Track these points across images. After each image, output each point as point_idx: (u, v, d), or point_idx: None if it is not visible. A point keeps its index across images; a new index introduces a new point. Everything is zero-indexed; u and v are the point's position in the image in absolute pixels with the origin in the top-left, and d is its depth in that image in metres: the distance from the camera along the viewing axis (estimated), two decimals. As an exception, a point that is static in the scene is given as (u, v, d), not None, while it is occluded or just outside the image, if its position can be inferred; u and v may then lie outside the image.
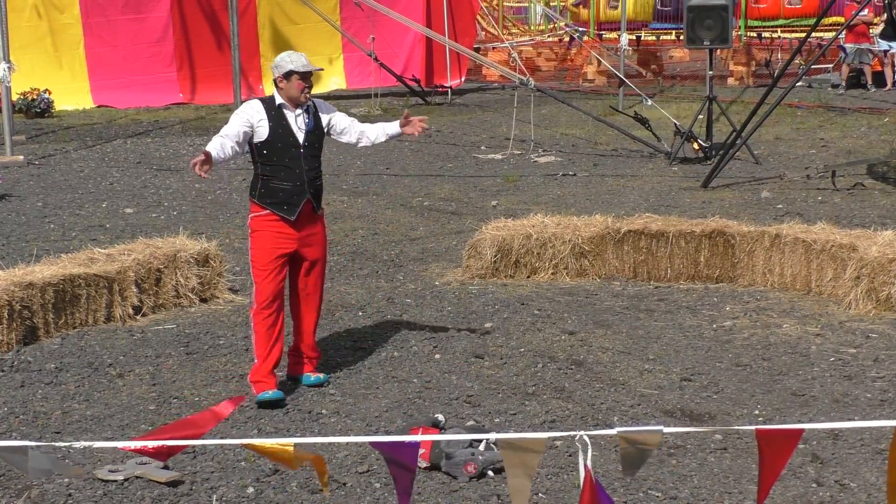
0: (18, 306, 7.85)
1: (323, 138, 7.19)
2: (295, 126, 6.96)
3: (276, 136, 6.91)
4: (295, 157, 6.94)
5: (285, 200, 6.94)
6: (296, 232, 6.99)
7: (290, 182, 6.93)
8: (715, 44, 16.04)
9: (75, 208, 12.65)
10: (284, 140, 6.92)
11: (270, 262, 6.95)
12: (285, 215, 6.93)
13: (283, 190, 6.93)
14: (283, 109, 6.96)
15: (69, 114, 21.07)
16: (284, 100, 6.96)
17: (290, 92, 6.91)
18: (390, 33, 22.98)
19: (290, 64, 6.86)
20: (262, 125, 6.90)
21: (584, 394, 7.06)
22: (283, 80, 6.90)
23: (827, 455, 6.10)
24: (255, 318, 7.00)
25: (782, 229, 9.50)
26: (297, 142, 6.95)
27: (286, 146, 6.93)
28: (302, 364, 7.29)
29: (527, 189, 13.77)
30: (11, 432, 6.48)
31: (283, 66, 6.89)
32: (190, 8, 22.64)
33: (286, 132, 6.93)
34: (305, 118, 7.00)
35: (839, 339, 8.07)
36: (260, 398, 6.82)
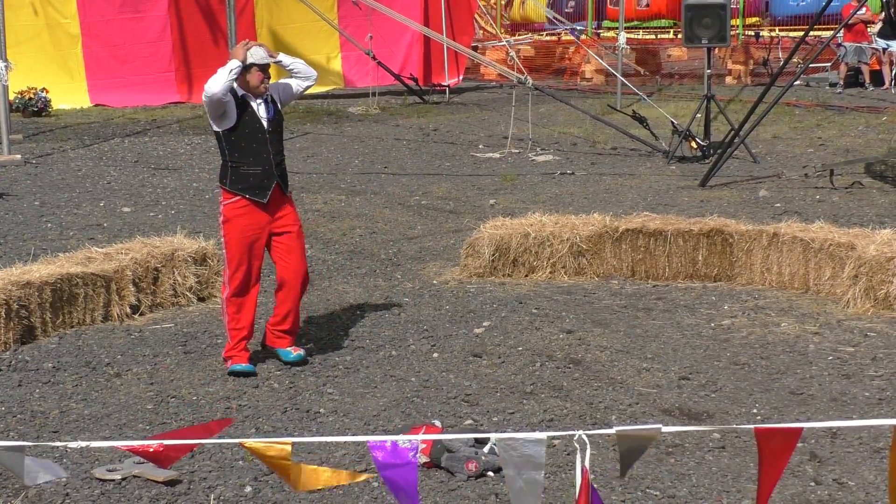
0: (16, 305, 7.84)
1: (282, 122, 7.55)
2: (259, 113, 7.29)
3: (243, 124, 7.25)
4: (262, 142, 7.29)
5: (256, 185, 7.31)
6: (268, 216, 7.36)
7: (259, 167, 7.30)
8: (713, 42, 16.05)
9: (73, 207, 12.64)
10: (251, 127, 7.26)
11: (244, 252, 7.34)
12: (258, 198, 7.29)
13: (254, 174, 7.31)
14: (247, 99, 7.27)
15: (66, 113, 21.07)
16: (245, 90, 7.26)
17: (252, 82, 7.22)
18: (388, 32, 22.98)
19: (250, 57, 7.17)
20: (231, 110, 7.23)
21: (582, 393, 7.05)
22: (243, 73, 7.20)
23: (825, 453, 6.10)
24: (227, 303, 7.42)
25: (780, 228, 9.50)
26: (263, 128, 7.29)
27: (252, 132, 7.27)
28: (282, 338, 7.58)
29: (525, 188, 13.77)
30: (9, 432, 6.47)
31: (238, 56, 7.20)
32: (187, 7, 22.64)
33: (252, 119, 7.26)
34: (266, 106, 7.34)
35: (837, 338, 8.07)
36: (232, 369, 7.31)
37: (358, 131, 18.78)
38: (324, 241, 11.04)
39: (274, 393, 7.09)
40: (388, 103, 22.22)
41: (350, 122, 19.91)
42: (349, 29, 22.96)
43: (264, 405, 6.88)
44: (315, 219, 12.05)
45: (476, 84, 26.59)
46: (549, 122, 19.58)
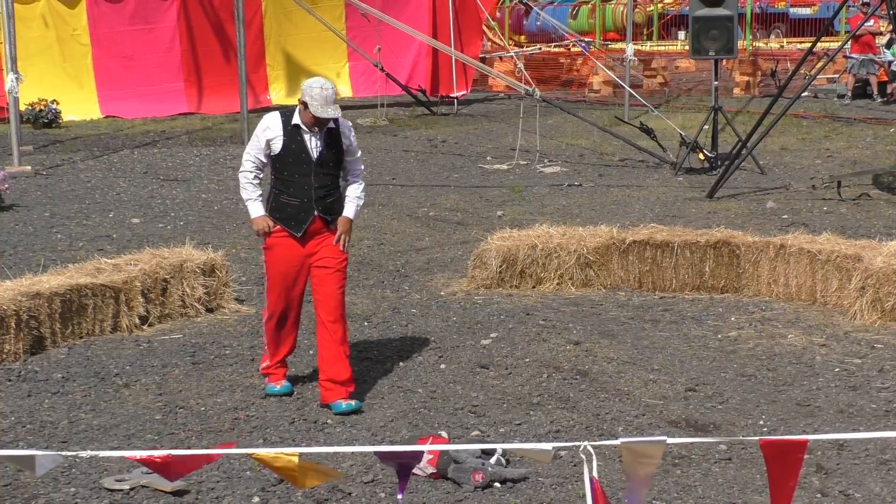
0: (25, 316, 7.87)
1: (340, 158, 7.04)
2: (309, 143, 6.89)
3: (289, 152, 6.89)
4: (306, 173, 6.90)
5: (293, 216, 6.96)
6: (305, 249, 7.00)
7: (299, 198, 6.93)
8: (720, 54, 16.07)
9: (82, 218, 12.69)
10: (296, 156, 6.89)
11: (281, 280, 7.06)
12: (292, 231, 6.96)
13: (292, 205, 6.96)
14: (300, 128, 6.88)
15: (76, 124, 21.14)
16: (302, 122, 6.87)
17: (304, 118, 6.85)
18: (396, 43, 23.03)
19: (312, 100, 6.72)
20: (276, 141, 6.90)
21: (588, 404, 7.07)
22: (303, 105, 6.81)
23: (832, 465, 6.11)
24: (267, 327, 7.25)
25: (787, 240, 9.51)
26: (310, 158, 6.89)
27: (297, 162, 6.89)
28: (331, 390, 7.01)
29: (532, 199, 13.79)
30: (18, 441, 6.50)
31: (306, 97, 6.77)
32: (197, 18, 22.72)
33: (299, 148, 6.88)
34: (320, 139, 6.91)
35: (844, 350, 8.07)
36: (269, 391, 7.19)
37: (366, 143, 18.81)
38: (332, 253, 11.06)
39: (282, 404, 7.11)
40: (396, 115, 22.26)
41: (358, 134, 19.78)
42: (357, 40, 23.02)
43: (272, 416, 6.91)
44: (323, 230, 12.07)
45: (484, 95, 26.63)
46: (556, 133, 19.60)
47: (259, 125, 7.00)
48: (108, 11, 22.24)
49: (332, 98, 6.79)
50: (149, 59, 22.50)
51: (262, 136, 6.92)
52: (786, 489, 3.65)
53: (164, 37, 22.57)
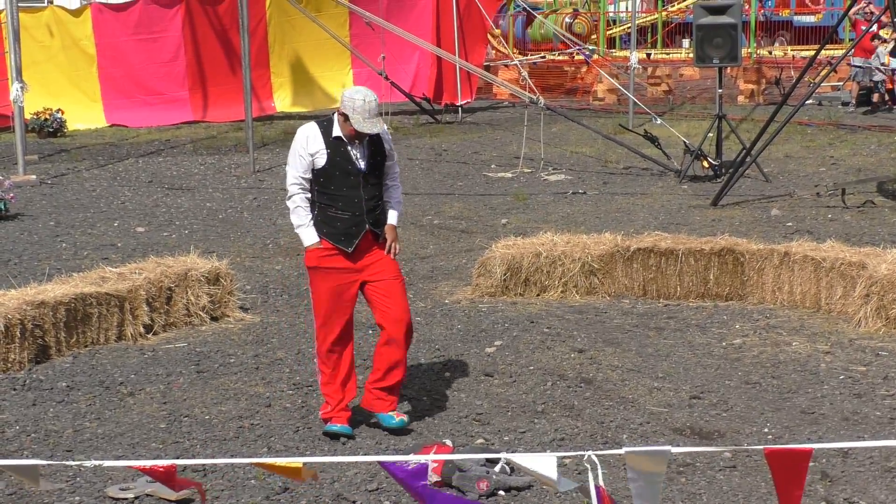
0: (30, 325, 7.89)
1: (384, 166, 6.70)
2: (354, 154, 6.54)
3: (334, 165, 6.49)
4: (354, 185, 6.52)
5: (344, 231, 6.54)
6: (356, 264, 6.61)
7: (350, 212, 6.53)
8: (724, 62, 16.07)
9: (87, 227, 12.71)
10: (343, 168, 6.50)
11: (333, 302, 6.60)
12: (343, 247, 6.55)
13: (342, 220, 6.54)
14: (342, 139, 6.52)
15: (82, 133, 21.18)
16: (343, 133, 6.51)
17: (344, 131, 6.48)
18: (400, 51, 23.05)
19: (354, 113, 6.36)
20: (319, 156, 6.49)
21: (593, 412, 7.07)
22: (343, 117, 6.45)
23: (836, 473, 6.10)
24: (320, 359, 6.73)
25: (792, 247, 9.51)
26: (357, 170, 6.53)
27: (345, 174, 6.51)
28: (381, 399, 6.77)
29: (537, 207, 13.80)
30: (23, 450, 6.51)
31: (347, 109, 6.41)
32: (201, 27, 22.76)
33: (345, 160, 6.51)
34: (365, 145, 6.58)
35: (849, 357, 8.07)
36: (327, 429, 6.67)
37: (370, 151, 18.81)
38: (336, 261, 11.06)
39: (286, 412, 7.12)
40: (400, 123, 22.28)
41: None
42: (360, 47, 23.05)
43: (276, 424, 6.91)
44: (328, 238, 12.08)
45: (488, 104, 26.65)
46: (561, 141, 19.61)
47: (297, 141, 6.54)
48: (113, 20, 22.30)
49: (376, 110, 6.42)
50: (154, 68, 22.54)
51: (305, 153, 6.48)
52: (792, 497, 3.64)
53: (169, 46, 22.61)
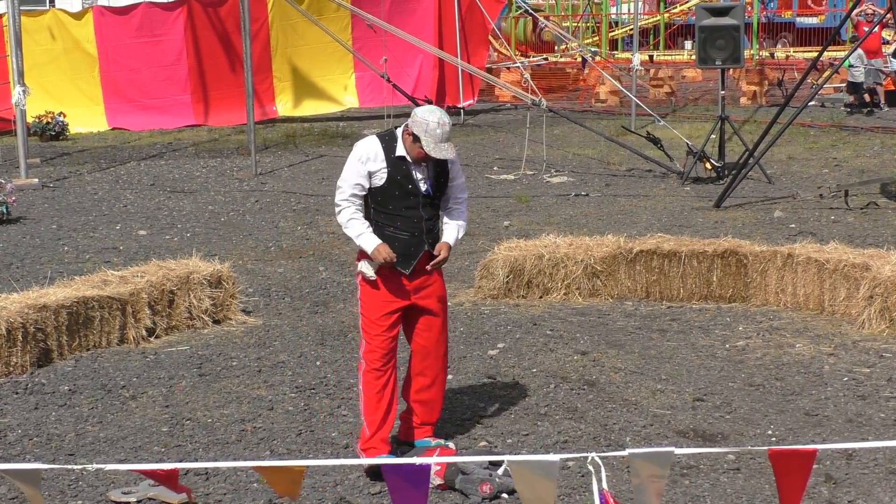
0: (32, 328, 7.88)
1: (445, 187, 6.35)
2: (417, 174, 6.19)
3: (394, 184, 6.15)
4: (414, 205, 6.19)
5: (401, 251, 6.19)
6: (410, 286, 6.28)
7: (408, 232, 6.19)
8: (727, 64, 16.05)
9: (89, 230, 12.70)
10: (403, 188, 6.16)
11: (383, 317, 6.24)
12: (400, 268, 6.21)
13: (400, 240, 6.19)
14: (405, 158, 6.15)
15: (83, 136, 21.17)
16: (407, 152, 6.14)
17: (411, 152, 6.11)
18: (402, 53, 23.03)
19: (426, 136, 5.99)
20: (379, 174, 6.14)
21: (596, 414, 7.05)
22: (411, 136, 6.08)
23: (840, 475, 6.09)
24: (365, 379, 6.27)
25: (795, 249, 9.50)
26: (418, 190, 6.19)
27: (405, 194, 6.17)
28: (419, 428, 6.53)
29: (539, 209, 13.78)
30: (25, 454, 6.50)
31: (418, 129, 6.03)
32: (203, 31, 22.74)
33: (406, 180, 6.16)
34: (430, 166, 6.25)
35: (852, 359, 8.05)
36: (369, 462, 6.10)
37: (373, 153, 18.81)
38: (339, 263, 11.07)
39: (289, 416, 7.11)
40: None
41: (365, 145, 19.91)
42: (363, 50, 23.02)
43: (279, 428, 6.90)
44: (330, 241, 12.08)
45: (491, 106, 26.63)
46: (563, 143, 19.60)
47: (356, 154, 6.18)
48: (115, 23, 22.27)
49: (449, 134, 6.06)
50: (155, 72, 22.52)
51: (364, 168, 6.12)
52: (795, 499, 3.63)
53: (171, 49, 22.58)
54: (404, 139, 6.13)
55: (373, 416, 6.22)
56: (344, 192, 6.22)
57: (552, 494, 3.43)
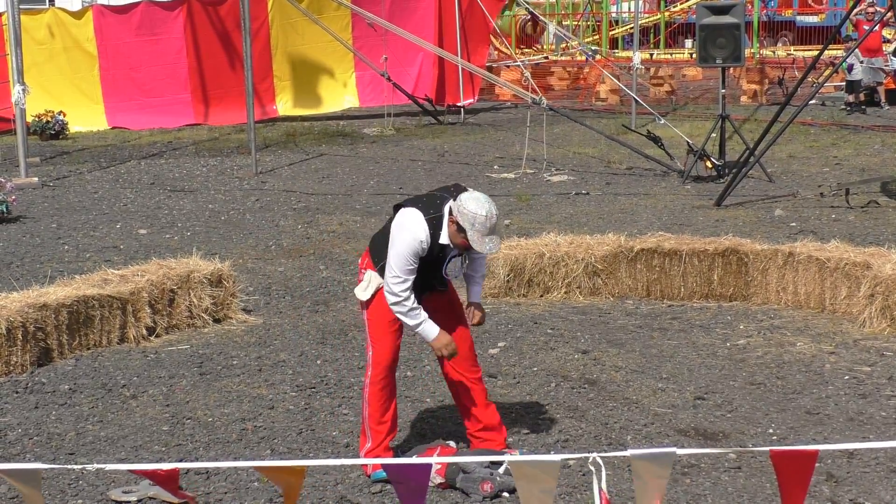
0: (32, 328, 7.87)
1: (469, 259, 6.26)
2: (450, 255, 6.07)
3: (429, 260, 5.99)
4: (434, 268, 6.09)
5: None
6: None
7: (421, 281, 6.01)
8: (727, 62, 16.04)
9: (89, 229, 12.69)
10: (432, 262, 6.03)
11: (391, 335, 6.13)
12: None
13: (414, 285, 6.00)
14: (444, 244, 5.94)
15: (83, 135, 21.17)
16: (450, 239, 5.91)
17: (455, 240, 5.88)
18: (402, 52, 23.04)
19: (473, 230, 5.74)
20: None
21: (597, 413, 7.04)
22: (457, 226, 5.82)
23: (842, 474, 6.08)
24: (372, 390, 6.13)
25: (796, 247, 9.49)
26: (444, 259, 6.06)
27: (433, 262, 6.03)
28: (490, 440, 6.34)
29: (540, 208, 13.78)
30: (25, 454, 6.49)
31: (465, 222, 5.76)
32: (203, 29, 22.74)
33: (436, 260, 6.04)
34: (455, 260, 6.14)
35: (853, 358, 8.04)
36: (376, 476, 6.06)
37: (373, 152, 18.83)
38: (339, 262, 11.06)
39: (289, 414, 7.10)
40: (403, 124, 22.26)
41: (365, 143, 19.96)
42: (363, 49, 23.03)
43: (280, 427, 6.89)
44: (330, 240, 12.08)
45: (491, 104, 26.63)
46: (563, 142, 19.59)
47: (409, 245, 5.84)
48: (115, 22, 22.27)
49: (496, 226, 5.83)
50: (155, 71, 22.52)
51: (417, 255, 5.88)
52: (796, 498, 3.62)
53: (171, 48, 22.58)
54: (449, 226, 5.87)
55: (378, 429, 6.15)
56: (400, 279, 5.87)
57: (552, 493, 3.43)
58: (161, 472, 3.36)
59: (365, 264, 6.19)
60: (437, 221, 5.88)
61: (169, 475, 3.37)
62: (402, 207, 6.02)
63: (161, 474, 3.35)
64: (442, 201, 5.92)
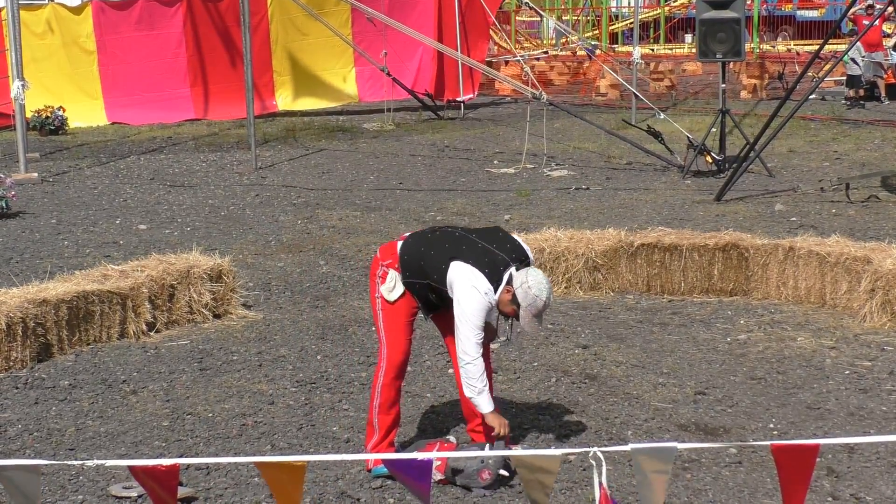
0: (32, 323, 7.87)
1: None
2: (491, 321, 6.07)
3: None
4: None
5: (426, 304, 6.13)
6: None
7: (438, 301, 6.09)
8: (727, 57, 16.03)
9: (89, 225, 12.68)
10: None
11: (406, 331, 6.12)
12: (421, 312, 6.20)
13: (430, 300, 6.10)
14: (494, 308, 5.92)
15: (83, 131, 21.15)
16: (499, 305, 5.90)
17: (503, 307, 5.89)
18: (402, 47, 23.03)
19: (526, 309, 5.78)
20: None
21: (597, 408, 7.04)
22: (511, 301, 5.84)
23: (842, 468, 6.08)
24: (385, 389, 6.11)
25: (796, 242, 9.48)
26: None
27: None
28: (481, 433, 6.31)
29: (540, 203, 13.77)
30: (25, 449, 6.49)
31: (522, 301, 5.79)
32: (203, 24, 22.72)
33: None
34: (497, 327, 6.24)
35: (854, 352, 8.04)
36: (377, 472, 6.07)
37: (373, 147, 18.82)
38: (339, 258, 11.05)
39: (290, 410, 7.09)
40: (402, 119, 22.24)
41: (365, 139, 19.95)
42: (363, 44, 23.02)
43: (280, 422, 6.89)
44: (330, 235, 12.07)
45: (491, 99, 26.61)
46: (563, 137, 19.58)
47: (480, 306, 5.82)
48: (114, 18, 22.25)
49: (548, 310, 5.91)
50: (155, 66, 22.49)
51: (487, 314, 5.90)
52: (797, 493, 3.62)
53: (171, 43, 22.56)
54: (504, 293, 5.84)
55: (384, 419, 6.13)
56: (476, 336, 5.86)
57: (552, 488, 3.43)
58: (161, 468, 3.35)
59: (388, 263, 6.12)
60: (496, 287, 5.84)
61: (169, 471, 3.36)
62: (460, 261, 5.88)
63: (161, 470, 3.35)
64: (504, 267, 5.85)
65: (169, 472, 3.39)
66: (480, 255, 5.90)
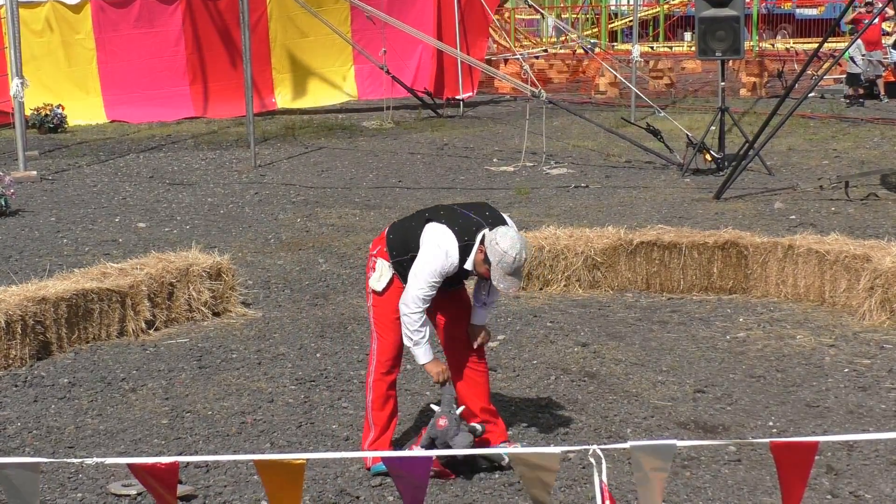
0: (31, 321, 7.86)
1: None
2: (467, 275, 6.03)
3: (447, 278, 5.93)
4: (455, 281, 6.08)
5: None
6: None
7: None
8: (727, 55, 16.03)
9: (88, 223, 12.68)
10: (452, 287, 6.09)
11: (396, 313, 6.02)
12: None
13: None
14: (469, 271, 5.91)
15: (82, 129, 21.14)
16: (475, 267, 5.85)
17: (478, 268, 5.83)
18: (401, 45, 23.01)
19: (498, 266, 5.71)
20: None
21: (597, 406, 7.04)
22: (484, 260, 5.79)
23: (842, 466, 6.08)
24: (376, 384, 6.11)
25: (795, 240, 9.48)
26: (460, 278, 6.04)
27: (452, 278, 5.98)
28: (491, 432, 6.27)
29: (539, 201, 13.77)
30: (25, 447, 6.49)
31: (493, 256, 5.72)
32: (202, 22, 22.70)
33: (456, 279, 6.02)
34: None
35: (853, 350, 8.04)
36: (376, 470, 6.02)
37: (372, 145, 18.81)
38: (338, 256, 11.05)
39: (289, 408, 7.09)
40: (402, 117, 22.24)
41: (364, 137, 19.94)
42: (362, 42, 23.00)
43: (279, 420, 6.89)
44: (329, 233, 12.07)
45: (490, 97, 26.61)
46: (563, 135, 19.58)
47: (439, 262, 5.81)
48: (114, 15, 22.23)
49: (521, 269, 5.81)
50: (154, 63, 22.47)
51: (441, 278, 5.87)
52: (796, 491, 3.62)
53: (170, 41, 22.54)
54: (477, 254, 5.82)
55: (378, 415, 6.13)
56: (421, 297, 5.85)
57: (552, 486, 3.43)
58: (161, 466, 3.35)
59: (377, 251, 6.14)
60: (467, 249, 5.83)
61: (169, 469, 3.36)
62: (435, 222, 5.92)
63: (161, 468, 3.35)
64: (477, 228, 5.85)
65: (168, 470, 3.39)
66: (455, 217, 5.93)
